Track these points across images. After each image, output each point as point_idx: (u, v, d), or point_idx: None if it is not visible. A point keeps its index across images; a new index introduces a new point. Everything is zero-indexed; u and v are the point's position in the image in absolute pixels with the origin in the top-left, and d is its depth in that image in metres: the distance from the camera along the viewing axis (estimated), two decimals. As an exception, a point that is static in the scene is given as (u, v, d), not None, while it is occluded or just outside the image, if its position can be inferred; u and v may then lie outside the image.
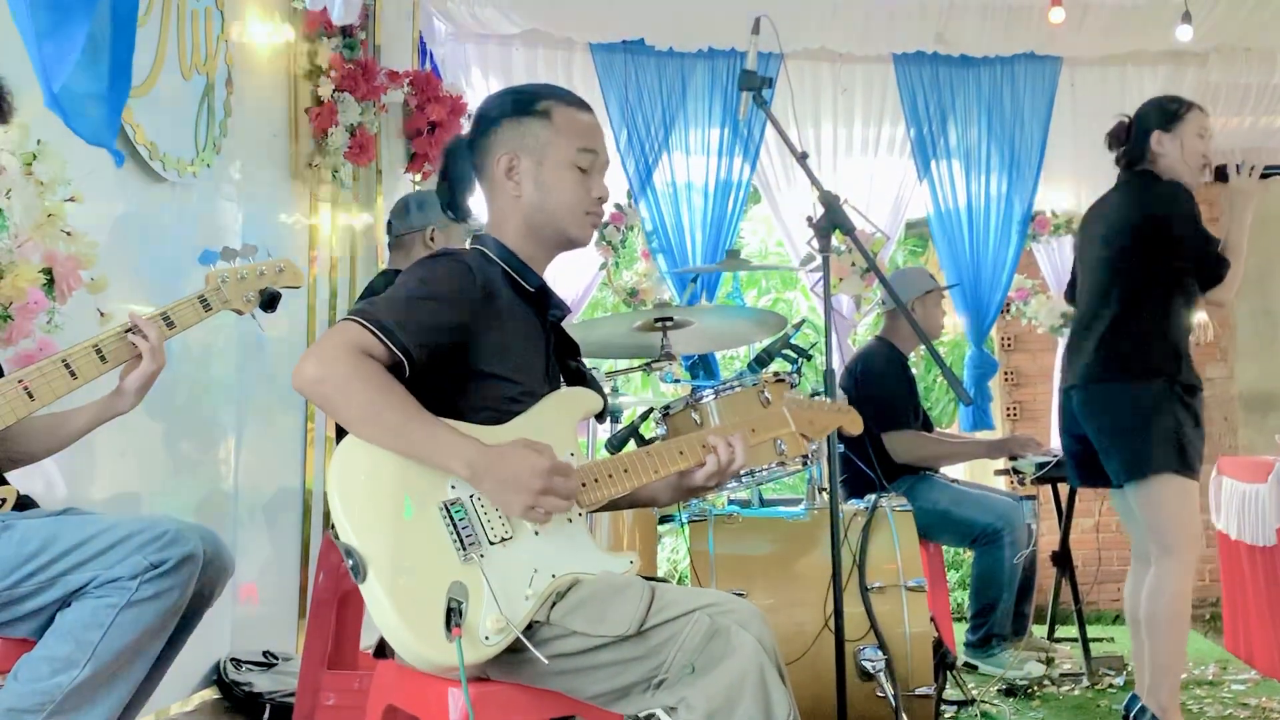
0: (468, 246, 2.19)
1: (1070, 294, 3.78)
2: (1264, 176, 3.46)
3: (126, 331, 2.32)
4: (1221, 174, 3.50)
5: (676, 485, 2.26)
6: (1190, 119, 3.48)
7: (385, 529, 1.84)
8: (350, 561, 1.80)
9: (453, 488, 1.92)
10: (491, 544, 1.89)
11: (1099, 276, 3.51)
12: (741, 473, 3.27)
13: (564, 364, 2.28)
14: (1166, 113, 3.49)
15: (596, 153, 2.18)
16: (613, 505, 2.18)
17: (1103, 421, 3.44)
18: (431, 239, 3.65)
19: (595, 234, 5.87)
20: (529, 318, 2.15)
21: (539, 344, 2.17)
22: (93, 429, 2.39)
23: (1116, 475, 3.41)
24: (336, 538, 1.85)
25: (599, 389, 2.26)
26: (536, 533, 1.95)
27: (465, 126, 4.97)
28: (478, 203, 2.27)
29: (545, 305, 2.20)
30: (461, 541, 1.87)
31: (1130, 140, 3.54)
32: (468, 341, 2.02)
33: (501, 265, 2.14)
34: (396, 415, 1.87)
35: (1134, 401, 3.36)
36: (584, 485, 2.02)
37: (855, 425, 2.51)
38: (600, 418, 2.24)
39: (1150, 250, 3.38)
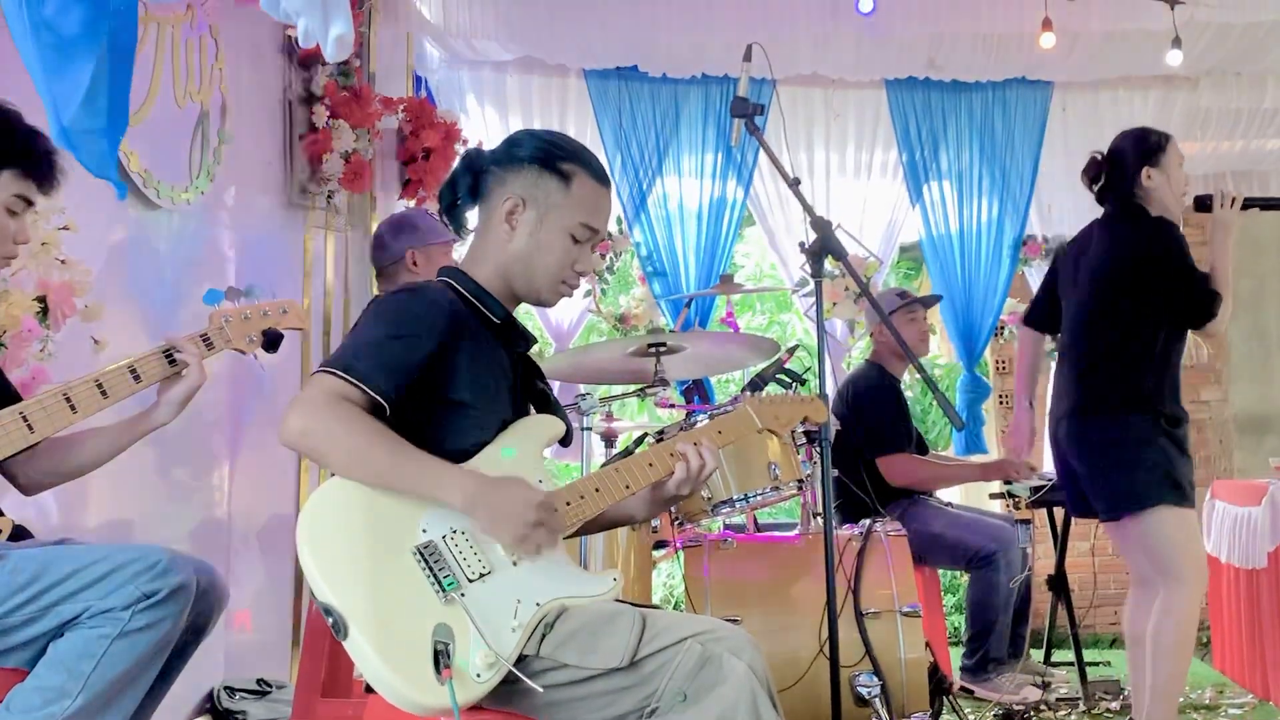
0: (435, 280, 2.20)
1: (1031, 318, 3.79)
2: (1244, 208, 3.49)
3: (164, 353, 2.36)
4: (1202, 204, 3.53)
5: (651, 497, 2.25)
6: (1170, 150, 3.52)
7: (361, 583, 1.84)
8: (330, 620, 1.80)
9: (424, 531, 1.92)
10: (470, 581, 1.89)
11: (1088, 309, 3.54)
12: (736, 498, 3.29)
13: (531, 387, 2.29)
14: (1150, 146, 3.52)
15: (597, 231, 2.20)
16: (587, 527, 2.18)
17: (1090, 455, 3.46)
18: (414, 263, 3.65)
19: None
20: (496, 350, 2.16)
21: (506, 375, 2.18)
22: (133, 443, 2.43)
23: (1107, 508, 3.41)
24: (314, 597, 1.85)
25: (563, 414, 2.26)
26: (515, 563, 1.95)
27: (460, 153, 5.01)
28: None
29: (512, 337, 2.21)
30: (439, 584, 1.86)
31: (1114, 175, 3.55)
32: (437, 374, 2.03)
33: (468, 297, 2.15)
34: (385, 455, 1.88)
35: (1120, 435, 3.38)
36: (556, 510, 2.01)
37: (819, 413, 2.50)
38: (564, 442, 2.24)
39: (1142, 288, 3.40)
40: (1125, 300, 3.43)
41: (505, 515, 1.89)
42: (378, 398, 1.92)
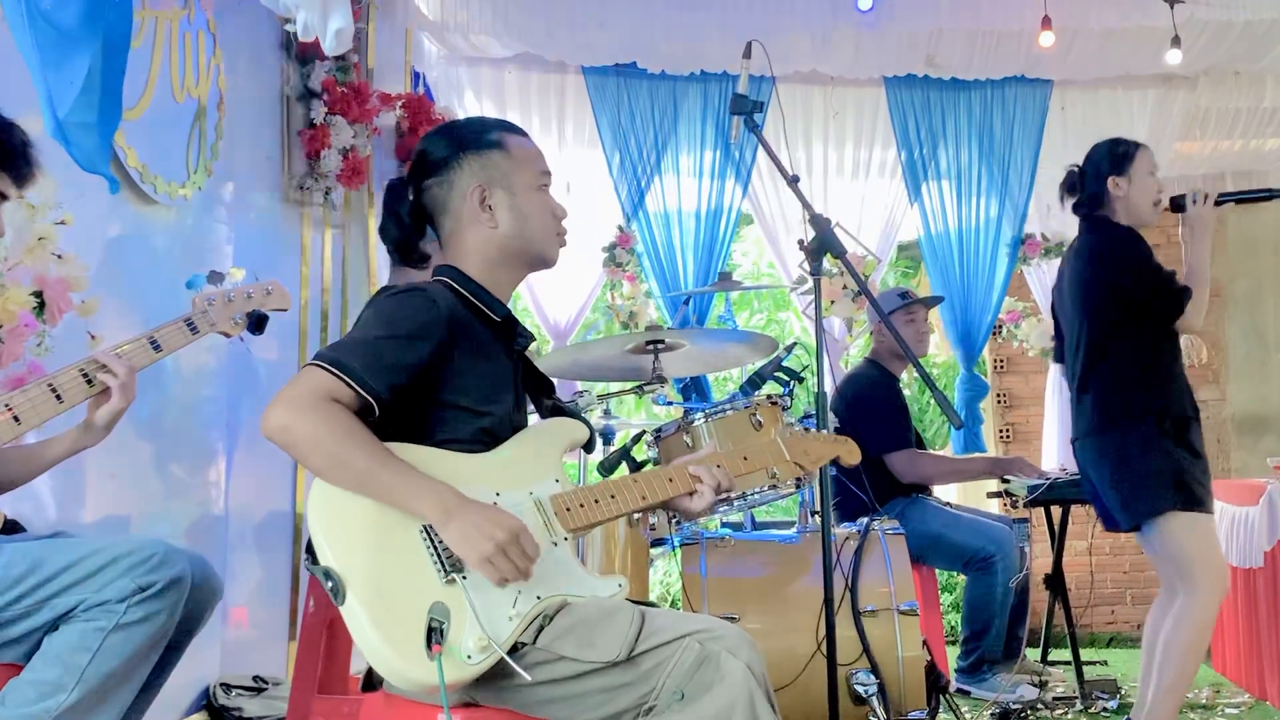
0: (430, 278, 2.19)
1: (1058, 354, 3.82)
2: (1218, 204, 3.51)
3: (98, 368, 2.29)
4: (1177, 204, 3.55)
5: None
6: (1140, 159, 3.56)
7: (365, 551, 1.84)
8: (330, 584, 1.80)
9: None
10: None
11: (1073, 331, 3.59)
12: (733, 496, 3.28)
13: (538, 400, 2.29)
14: (1117, 156, 3.57)
15: (550, 173, 2.24)
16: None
17: (1100, 473, 3.49)
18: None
19: (604, 255, 5.87)
20: (496, 348, 2.15)
21: (507, 374, 2.17)
22: (62, 461, 2.38)
23: (1125, 520, 3.44)
24: (313, 563, 1.84)
25: (586, 422, 2.25)
26: None
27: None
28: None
29: (512, 334, 2.21)
30: (443, 563, 1.86)
31: (1085, 188, 3.60)
32: (435, 376, 2.02)
33: (467, 296, 2.14)
34: (363, 461, 1.86)
35: (1124, 449, 3.40)
36: (569, 509, 2.03)
37: (853, 455, 2.49)
38: (587, 448, 2.23)
39: (1108, 300, 3.45)
40: (1102, 314, 3.47)
41: (477, 533, 1.84)
42: (368, 397, 1.90)
